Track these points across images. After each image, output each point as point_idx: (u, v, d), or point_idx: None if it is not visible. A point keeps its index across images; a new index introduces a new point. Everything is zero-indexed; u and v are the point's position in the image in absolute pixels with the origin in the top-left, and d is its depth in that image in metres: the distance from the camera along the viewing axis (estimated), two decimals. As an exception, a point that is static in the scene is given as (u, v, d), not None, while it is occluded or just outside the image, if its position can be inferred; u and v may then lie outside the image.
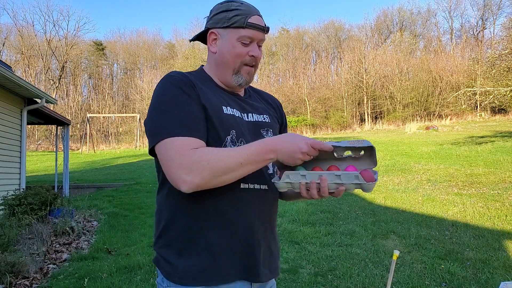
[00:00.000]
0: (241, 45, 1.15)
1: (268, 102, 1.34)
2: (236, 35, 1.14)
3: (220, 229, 1.06)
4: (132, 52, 45.27)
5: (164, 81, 1.10)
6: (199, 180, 0.96)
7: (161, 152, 1.02)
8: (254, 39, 1.15)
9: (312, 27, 49.07)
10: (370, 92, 35.56)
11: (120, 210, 7.59)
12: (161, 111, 1.05)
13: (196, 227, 1.07)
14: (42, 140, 30.60)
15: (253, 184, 1.11)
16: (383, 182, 9.41)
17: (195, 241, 1.07)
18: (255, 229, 1.11)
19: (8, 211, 5.63)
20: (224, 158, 0.98)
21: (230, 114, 1.13)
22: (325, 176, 1.01)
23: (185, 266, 1.06)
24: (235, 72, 1.17)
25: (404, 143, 16.95)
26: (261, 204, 1.13)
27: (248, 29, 1.13)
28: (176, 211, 1.10)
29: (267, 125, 1.22)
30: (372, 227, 5.64)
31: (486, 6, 37.89)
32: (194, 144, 1.00)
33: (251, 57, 1.16)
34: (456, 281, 3.59)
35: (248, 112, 1.21)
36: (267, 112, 1.27)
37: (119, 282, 3.68)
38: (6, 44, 38.74)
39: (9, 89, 6.94)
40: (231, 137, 1.10)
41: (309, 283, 3.58)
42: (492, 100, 15.60)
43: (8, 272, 3.55)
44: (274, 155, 1.01)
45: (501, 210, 6.26)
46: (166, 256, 1.10)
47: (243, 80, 1.18)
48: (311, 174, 1.02)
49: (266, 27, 1.17)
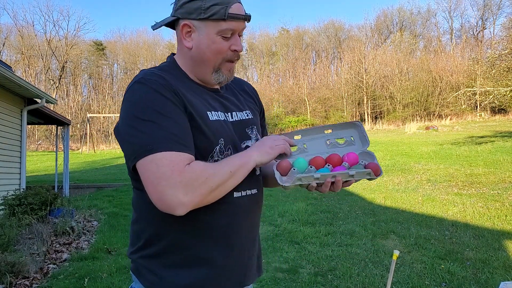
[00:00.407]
0: (221, 40, 1.01)
1: (245, 91, 1.22)
2: (216, 28, 0.99)
3: (213, 241, 1.00)
4: (132, 52, 45.27)
5: (139, 85, 0.95)
6: (199, 199, 0.88)
7: (148, 169, 0.87)
8: (236, 31, 1.02)
9: (312, 27, 49.12)
10: (370, 92, 35.56)
11: (120, 210, 7.59)
12: (143, 121, 0.89)
13: (188, 241, 0.99)
14: (42, 140, 30.59)
15: (245, 191, 1.05)
16: (383, 182, 9.41)
17: (187, 254, 0.99)
18: (246, 235, 1.08)
19: (8, 211, 5.63)
20: (218, 171, 0.92)
21: (216, 120, 1.02)
22: (340, 177, 1.02)
23: (173, 279, 0.98)
24: (216, 70, 1.04)
25: (404, 143, 16.95)
26: (254, 209, 1.10)
27: (229, 21, 0.99)
28: (163, 224, 1.00)
29: (251, 122, 1.13)
30: (372, 227, 5.64)
31: (486, 6, 37.90)
32: (188, 159, 0.89)
33: (233, 51, 1.03)
34: (456, 281, 3.59)
35: (232, 111, 1.10)
36: (248, 106, 1.17)
37: (119, 282, 3.68)
38: (6, 44, 38.74)
39: (9, 89, 6.94)
40: (220, 147, 1.00)
41: (309, 283, 3.58)
42: (492, 100, 15.60)
43: (8, 272, 3.55)
44: (253, 163, 1.00)
45: (501, 210, 6.26)
46: (150, 267, 1.01)
47: (223, 78, 1.06)
48: (325, 175, 1.01)
49: (247, 15, 1.03)
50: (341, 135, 1.16)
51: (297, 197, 8.15)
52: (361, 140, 1.15)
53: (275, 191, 8.79)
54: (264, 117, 1.29)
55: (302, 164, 1.06)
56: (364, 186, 9.10)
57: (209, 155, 0.99)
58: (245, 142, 1.08)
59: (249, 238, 1.09)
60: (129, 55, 45.27)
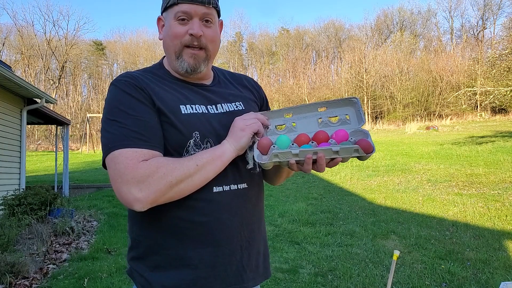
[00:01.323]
0: (178, 24, 1.00)
1: (243, 85, 1.19)
2: (172, 13, 1.00)
3: (196, 240, 0.96)
4: (132, 52, 45.31)
5: (111, 87, 0.99)
6: (155, 195, 0.87)
7: (109, 167, 0.91)
8: (193, 14, 0.99)
9: (312, 27, 49.14)
10: (370, 92, 35.56)
11: (120, 210, 7.58)
12: (110, 121, 0.93)
13: (169, 241, 0.97)
14: (42, 140, 30.60)
15: (228, 186, 1.00)
16: (383, 182, 9.40)
17: (169, 255, 0.97)
18: (237, 233, 1.01)
19: (8, 211, 5.62)
20: (180, 166, 0.90)
21: (191, 113, 0.99)
22: (322, 154, 0.89)
23: (160, 282, 0.96)
24: (177, 56, 1.02)
25: (404, 143, 16.95)
26: (242, 205, 1.02)
27: (181, 3, 0.99)
28: (144, 223, 1.00)
29: (241, 112, 1.07)
30: (372, 227, 5.63)
31: (486, 6, 37.90)
32: (146, 155, 0.90)
33: (190, 36, 0.99)
34: (456, 281, 3.58)
35: (217, 103, 1.07)
36: (241, 98, 1.13)
37: (119, 282, 3.68)
38: (6, 44, 38.76)
39: (9, 89, 6.93)
40: (194, 140, 0.97)
41: (309, 283, 3.58)
42: (493, 100, 15.60)
43: (8, 272, 3.55)
44: (229, 152, 0.96)
45: (501, 210, 6.25)
46: (139, 270, 1.00)
47: (186, 64, 1.02)
48: (304, 151, 0.90)
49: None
50: (336, 113, 1.05)
51: (298, 197, 8.15)
52: (358, 118, 1.03)
53: (275, 191, 8.78)
54: (269, 107, 1.25)
55: (284, 142, 0.96)
56: (364, 186, 9.10)
57: (184, 149, 0.97)
58: None
59: (242, 237, 1.02)
60: (129, 55, 45.30)
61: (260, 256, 1.10)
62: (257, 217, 1.09)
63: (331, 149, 0.89)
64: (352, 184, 9.46)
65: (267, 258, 1.14)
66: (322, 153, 0.89)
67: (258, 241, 1.09)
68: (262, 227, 1.13)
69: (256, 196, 1.09)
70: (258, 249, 1.09)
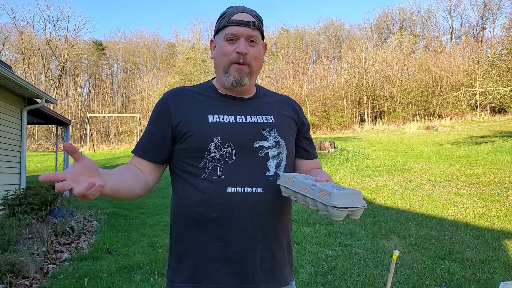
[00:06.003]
0: (227, 44, 1.15)
1: (283, 102, 1.29)
2: (223, 35, 1.16)
3: (211, 234, 1.08)
4: (132, 52, 45.29)
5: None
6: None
7: None
8: (240, 35, 1.14)
9: (312, 27, 49.12)
10: (370, 92, 35.58)
11: (120, 210, 7.59)
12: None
13: (187, 233, 1.12)
14: (42, 140, 30.60)
15: (242, 188, 1.07)
16: (383, 182, 9.41)
17: (189, 246, 1.11)
18: (248, 233, 1.08)
19: (8, 211, 5.63)
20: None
21: (217, 121, 1.13)
22: (309, 203, 0.97)
23: (181, 270, 1.12)
24: (225, 71, 1.17)
25: (404, 143, 16.96)
26: (255, 208, 1.08)
27: (231, 26, 1.15)
28: (172, 217, 1.18)
29: (269, 125, 1.18)
30: (372, 227, 5.64)
31: (486, 6, 37.91)
32: (135, 162, 1.17)
33: (237, 53, 1.14)
34: (456, 281, 3.59)
35: (247, 114, 1.18)
36: (274, 113, 1.22)
37: (119, 282, 3.68)
38: (6, 44, 38.76)
39: (9, 89, 6.94)
40: (215, 144, 1.11)
41: (309, 283, 3.58)
42: (492, 100, 15.60)
43: (8, 272, 3.56)
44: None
45: (501, 210, 6.26)
46: (168, 260, 1.19)
47: (232, 78, 1.16)
48: (301, 196, 0.99)
49: (251, 22, 1.15)
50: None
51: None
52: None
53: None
54: (308, 132, 1.34)
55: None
56: (364, 186, 9.10)
57: (206, 151, 1.11)
58: (258, 142, 1.15)
59: (255, 238, 1.08)
60: (129, 55, 45.28)
61: (276, 261, 1.13)
62: (274, 223, 1.13)
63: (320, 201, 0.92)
64: (352, 184, 9.46)
65: (285, 266, 1.17)
66: (309, 203, 0.97)
67: (275, 246, 1.13)
68: (282, 234, 1.16)
69: (274, 201, 1.11)
70: (273, 254, 1.13)
